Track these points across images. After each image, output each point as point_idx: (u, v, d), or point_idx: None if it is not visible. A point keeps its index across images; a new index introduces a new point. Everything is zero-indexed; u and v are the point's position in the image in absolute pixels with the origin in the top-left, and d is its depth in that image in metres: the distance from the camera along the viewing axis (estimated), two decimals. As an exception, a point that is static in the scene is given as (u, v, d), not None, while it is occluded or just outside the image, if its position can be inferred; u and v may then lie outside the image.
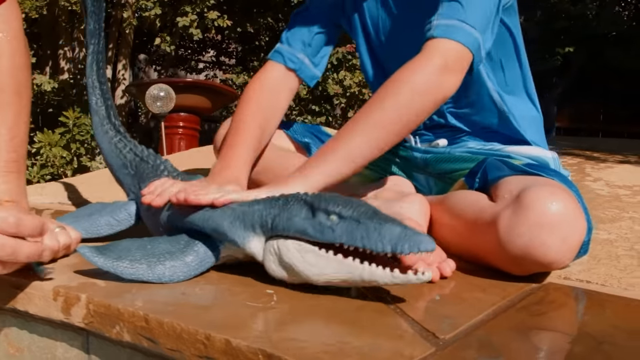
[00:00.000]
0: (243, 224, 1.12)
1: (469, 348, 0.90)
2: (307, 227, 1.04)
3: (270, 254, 1.08)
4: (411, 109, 1.31)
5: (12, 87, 1.33)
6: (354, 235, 1.00)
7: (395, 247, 0.97)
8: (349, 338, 0.89)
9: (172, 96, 5.12)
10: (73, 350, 1.11)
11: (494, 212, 1.25)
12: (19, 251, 0.99)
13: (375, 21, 1.69)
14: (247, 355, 0.84)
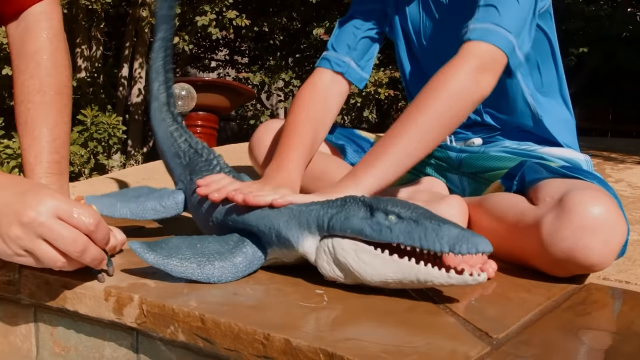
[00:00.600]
0: (298, 223, 1.13)
1: (523, 347, 0.91)
2: (365, 227, 1.05)
3: (325, 254, 1.09)
4: (452, 111, 1.33)
5: (53, 87, 1.34)
6: (412, 235, 1.01)
7: (453, 248, 0.98)
8: (406, 338, 0.90)
9: (194, 95, 5.14)
10: (122, 349, 1.12)
11: (536, 215, 1.26)
12: (86, 252, 1.00)
13: (416, 25, 1.72)
14: (308, 355, 0.85)
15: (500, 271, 1.29)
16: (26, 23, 1.37)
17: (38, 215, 0.95)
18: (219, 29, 6.91)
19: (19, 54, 1.36)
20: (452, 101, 1.33)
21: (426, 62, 1.74)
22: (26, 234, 0.95)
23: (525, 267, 1.31)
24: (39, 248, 0.96)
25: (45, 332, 1.20)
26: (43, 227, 0.95)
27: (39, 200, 0.96)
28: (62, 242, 0.96)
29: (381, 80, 7.42)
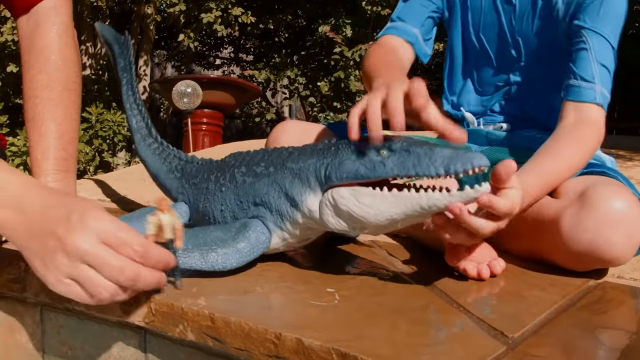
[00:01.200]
0: (300, 181, 1.12)
1: (538, 346, 0.89)
2: (359, 167, 1.03)
3: (327, 207, 1.07)
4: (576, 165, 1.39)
5: (61, 82, 1.33)
6: (405, 165, 0.99)
7: (448, 168, 0.96)
8: (419, 337, 0.89)
9: (199, 92, 5.14)
10: (129, 349, 1.10)
11: (557, 208, 1.26)
12: (138, 280, 0.91)
13: (477, 20, 1.74)
14: (320, 355, 0.84)
15: (513, 270, 1.28)
16: (36, 18, 1.37)
17: (82, 242, 0.88)
18: (224, 27, 6.91)
19: (29, 48, 1.35)
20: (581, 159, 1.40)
21: (477, 60, 1.77)
22: (71, 261, 0.88)
23: (542, 262, 1.31)
24: (85, 275, 0.88)
25: (52, 331, 1.19)
26: (88, 255, 0.88)
27: (83, 225, 0.88)
28: (109, 271, 0.88)
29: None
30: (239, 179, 1.22)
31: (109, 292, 0.88)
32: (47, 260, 0.89)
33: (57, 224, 0.89)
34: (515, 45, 1.66)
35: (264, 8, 8.51)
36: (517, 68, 1.68)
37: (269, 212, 1.16)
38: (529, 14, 1.61)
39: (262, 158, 1.22)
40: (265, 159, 1.21)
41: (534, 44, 1.63)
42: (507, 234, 1.36)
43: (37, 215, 0.91)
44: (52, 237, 0.89)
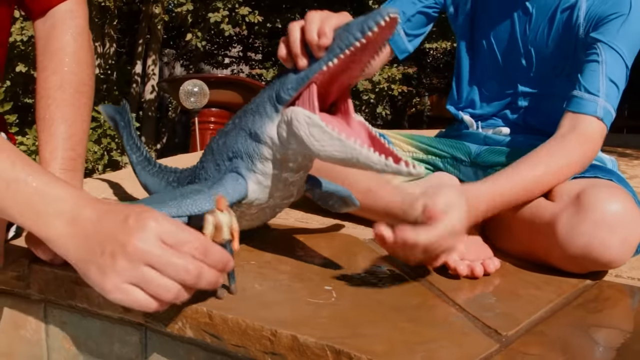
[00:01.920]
0: (259, 115, 1.14)
1: (532, 344, 0.90)
2: (299, 74, 1.07)
3: (283, 123, 1.09)
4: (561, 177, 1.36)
5: (73, 85, 1.34)
6: (332, 49, 1.03)
7: (364, 30, 0.99)
8: (415, 335, 0.90)
9: (206, 92, 5.16)
10: (130, 345, 1.12)
11: (553, 211, 1.26)
12: (201, 277, 0.90)
13: (489, 22, 1.71)
14: (315, 352, 0.85)
15: (509, 268, 1.29)
16: (53, 21, 1.38)
17: (143, 243, 0.87)
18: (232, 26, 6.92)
19: (44, 50, 1.37)
20: (566, 171, 1.37)
21: (485, 65, 1.75)
22: (132, 264, 0.87)
23: (538, 263, 1.31)
24: (149, 276, 0.87)
25: (55, 327, 1.21)
26: (150, 256, 0.87)
27: (141, 226, 0.88)
28: (173, 271, 0.87)
29: (394, 76, 7.41)
30: (214, 147, 1.25)
31: (172, 293, 0.87)
32: (107, 267, 0.88)
33: (114, 230, 0.89)
34: (527, 55, 1.63)
35: (271, 7, 8.52)
36: (526, 79, 1.66)
37: (240, 159, 1.17)
38: (545, 26, 1.58)
39: (231, 119, 1.25)
40: (232, 118, 1.24)
41: (547, 56, 1.61)
42: (504, 234, 1.38)
43: (92, 224, 0.91)
44: (110, 243, 0.88)
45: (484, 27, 1.71)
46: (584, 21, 1.51)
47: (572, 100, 1.43)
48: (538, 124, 1.60)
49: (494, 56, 1.71)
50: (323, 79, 1.06)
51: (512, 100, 1.69)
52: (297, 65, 1.06)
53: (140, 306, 0.87)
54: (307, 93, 1.06)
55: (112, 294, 0.88)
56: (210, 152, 1.27)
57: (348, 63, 1.05)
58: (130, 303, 0.88)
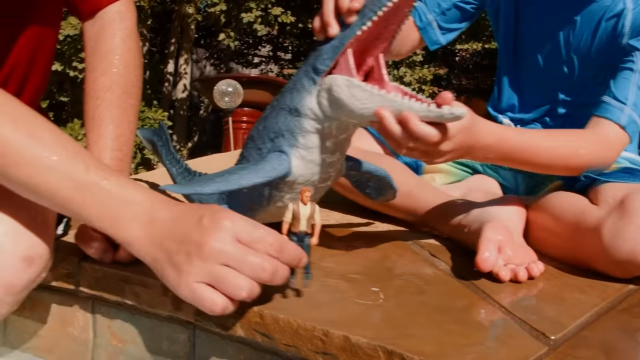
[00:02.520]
0: (297, 91, 1.15)
1: (579, 348, 0.91)
2: (333, 42, 1.08)
3: (324, 92, 1.10)
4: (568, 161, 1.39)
5: (121, 86, 1.36)
6: (363, 13, 1.05)
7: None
8: (463, 337, 0.91)
9: (240, 92, 5.19)
10: (178, 343, 1.13)
11: (598, 216, 1.26)
12: (277, 274, 0.92)
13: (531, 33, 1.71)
14: (367, 352, 0.86)
15: (552, 272, 1.29)
16: (102, 22, 1.41)
17: (218, 242, 0.89)
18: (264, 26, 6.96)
19: (93, 51, 1.39)
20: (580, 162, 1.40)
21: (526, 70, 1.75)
22: (208, 263, 0.89)
23: (582, 268, 1.30)
24: (224, 274, 0.89)
25: (103, 324, 1.22)
26: (226, 255, 0.89)
27: (216, 225, 0.90)
28: (250, 268, 0.89)
29: (425, 77, 7.40)
30: (254, 134, 1.26)
31: (246, 291, 0.89)
32: (182, 266, 0.90)
33: (189, 230, 0.92)
34: (569, 62, 1.62)
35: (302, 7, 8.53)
36: (567, 86, 1.66)
37: (281, 137, 1.18)
38: (589, 34, 1.57)
39: (269, 105, 1.26)
40: (270, 103, 1.26)
41: (589, 64, 1.60)
42: (547, 238, 1.38)
43: (167, 225, 0.94)
44: (185, 243, 0.91)
45: (526, 33, 1.71)
46: (629, 30, 1.50)
47: (600, 104, 1.44)
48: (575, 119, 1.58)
49: (535, 62, 1.70)
50: (356, 47, 1.08)
51: (552, 107, 1.69)
52: (329, 33, 1.08)
53: (213, 304, 0.89)
54: (343, 60, 1.08)
55: (185, 292, 0.91)
56: (250, 140, 1.28)
57: (379, 29, 1.07)
58: (203, 302, 0.90)
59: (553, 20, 1.64)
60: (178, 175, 1.71)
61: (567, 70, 1.64)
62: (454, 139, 1.13)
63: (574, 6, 1.60)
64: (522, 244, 1.31)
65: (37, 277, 1.10)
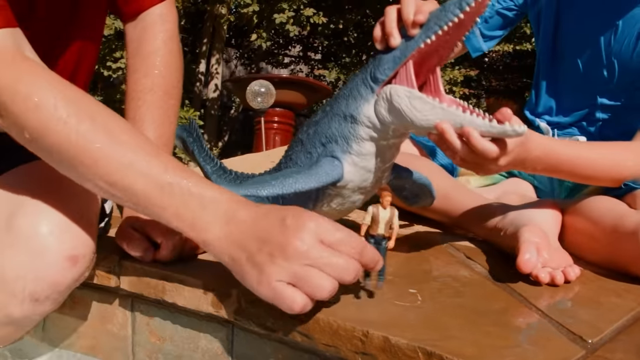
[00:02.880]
0: (353, 98, 1.16)
1: (616, 352, 0.91)
2: (394, 53, 1.09)
3: (383, 101, 1.11)
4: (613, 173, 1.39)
5: (162, 88, 1.39)
6: (428, 26, 1.05)
7: (461, 5, 1.00)
8: (501, 339, 0.92)
9: (272, 92, 5.22)
10: (217, 341, 1.15)
11: (637, 220, 1.26)
12: (357, 276, 0.93)
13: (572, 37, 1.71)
14: (406, 353, 0.87)
15: (589, 276, 1.29)
16: (144, 24, 1.43)
17: (303, 243, 0.89)
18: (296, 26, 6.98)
19: (135, 53, 1.42)
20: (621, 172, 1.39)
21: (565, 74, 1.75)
22: (291, 263, 0.89)
23: (620, 272, 1.30)
24: (308, 274, 0.89)
25: (142, 322, 1.25)
26: (310, 255, 0.89)
27: (300, 226, 0.91)
28: (334, 269, 0.90)
29: (456, 78, 7.38)
30: (303, 138, 1.26)
31: (327, 291, 0.90)
32: (264, 265, 0.91)
33: (272, 231, 0.92)
34: (609, 67, 1.62)
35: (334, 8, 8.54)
36: (606, 91, 1.65)
37: (334, 143, 1.19)
38: (631, 38, 1.57)
39: (320, 110, 1.27)
40: (320, 110, 1.26)
41: (630, 69, 1.59)
42: (584, 242, 1.38)
43: (248, 225, 0.94)
44: (268, 243, 0.91)
45: (566, 36, 1.70)
46: None
47: None
48: (615, 136, 1.57)
49: (575, 66, 1.70)
50: (416, 58, 1.08)
51: (590, 111, 1.68)
52: (390, 43, 1.08)
53: (293, 302, 0.90)
54: (403, 71, 1.09)
55: (266, 291, 0.91)
56: (299, 143, 1.29)
57: (440, 43, 1.07)
58: (283, 299, 0.90)
59: (594, 24, 1.63)
60: (213, 174, 1.73)
61: (607, 75, 1.63)
62: (511, 153, 1.14)
63: (616, 10, 1.59)
64: (558, 248, 1.31)
65: (80, 276, 1.13)
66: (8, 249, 1.08)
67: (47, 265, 1.08)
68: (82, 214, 1.14)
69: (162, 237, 1.20)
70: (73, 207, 1.14)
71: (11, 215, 1.10)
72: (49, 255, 1.08)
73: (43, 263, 1.08)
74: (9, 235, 1.09)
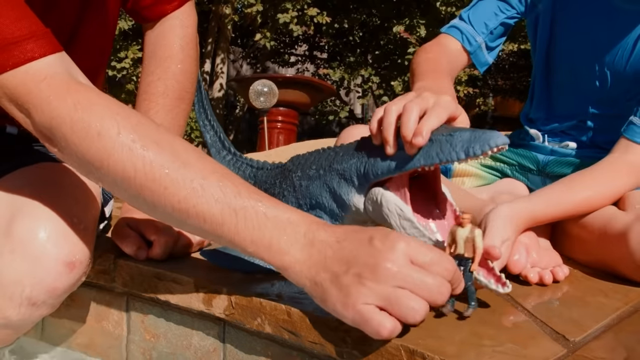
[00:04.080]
0: (345, 181, 1.15)
1: (600, 351, 0.92)
2: (390, 163, 1.06)
3: (372, 202, 1.10)
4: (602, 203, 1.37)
5: (176, 92, 1.40)
6: (430, 154, 1.01)
7: (467, 151, 0.96)
8: (484, 338, 0.93)
9: (275, 92, 5.24)
10: (209, 338, 1.17)
11: (625, 221, 1.26)
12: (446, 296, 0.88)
13: (566, 45, 1.69)
14: (389, 351, 0.89)
15: (578, 275, 1.30)
16: (162, 28, 1.44)
17: (393, 264, 0.85)
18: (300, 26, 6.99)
19: (151, 55, 1.43)
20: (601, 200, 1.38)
21: (558, 81, 1.75)
22: (382, 285, 0.84)
23: (609, 272, 1.31)
24: (401, 297, 0.84)
25: (137, 320, 1.27)
26: (402, 277, 0.85)
27: (390, 246, 0.86)
28: (426, 291, 0.85)
29: (460, 78, 7.38)
30: (296, 184, 1.26)
31: (422, 314, 0.85)
32: (351, 288, 0.85)
33: (359, 252, 0.87)
34: (601, 77, 1.61)
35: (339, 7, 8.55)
36: (598, 101, 1.64)
37: (323, 212, 1.20)
38: (625, 50, 1.55)
39: (314, 161, 1.25)
40: (316, 161, 1.25)
41: (622, 80, 1.58)
42: (573, 243, 1.39)
43: (331, 247, 0.89)
44: (355, 265, 0.86)
45: (561, 45, 1.70)
46: None
47: (629, 126, 1.42)
48: (604, 144, 1.56)
49: (568, 75, 1.70)
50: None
51: (581, 119, 1.68)
52: (386, 151, 1.05)
53: (380, 326, 0.84)
54: (399, 179, 1.07)
55: (351, 314, 0.86)
56: (290, 186, 1.28)
57: None
58: (370, 323, 0.84)
59: (588, 34, 1.63)
60: (212, 146, 1.72)
61: (599, 85, 1.62)
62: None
63: (610, 21, 1.58)
64: (548, 248, 1.32)
65: (77, 281, 1.15)
66: (7, 254, 1.10)
67: (45, 271, 1.10)
68: (80, 220, 1.16)
69: (155, 235, 1.22)
70: (72, 213, 1.15)
71: (11, 219, 1.12)
72: (47, 261, 1.10)
73: (41, 268, 1.10)
74: (8, 240, 1.11)
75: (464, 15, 1.72)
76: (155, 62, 1.42)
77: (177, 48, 1.43)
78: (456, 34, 1.70)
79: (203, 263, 1.25)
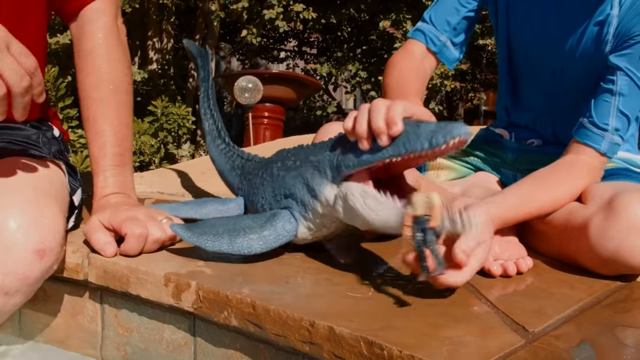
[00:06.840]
0: (319, 172, 1.19)
1: (557, 341, 0.94)
2: (361, 155, 1.10)
3: (339, 199, 1.14)
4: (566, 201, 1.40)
5: (107, 83, 1.39)
6: (397, 146, 1.05)
7: (431, 142, 1.00)
8: (444, 329, 0.95)
9: (260, 88, 5.24)
10: (180, 332, 1.19)
11: (585, 215, 1.28)
12: None
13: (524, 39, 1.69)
14: (349, 342, 0.91)
15: (544, 267, 1.32)
16: (82, 21, 1.43)
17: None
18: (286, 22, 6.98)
19: (78, 52, 1.42)
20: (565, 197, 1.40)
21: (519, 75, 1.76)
22: None
23: (572, 264, 1.33)
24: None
25: (110, 314, 1.28)
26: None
27: None
28: None
29: (447, 72, 7.38)
30: (275, 174, 1.31)
31: None
32: None
33: None
34: (555, 68, 1.61)
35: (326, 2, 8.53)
36: (554, 93, 1.65)
37: (295, 202, 1.24)
38: (574, 39, 1.54)
39: (294, 153, 1.30)
40: (295, 154, 1.29)
41: (574, 72, 1.58)
42: (537, 236, 1.41)
43: None
44: None
45: (517, 35, 1.70)
46: (612, 38, 1.48)
47: (580, 129, 1.44)
48: (566, 139, 1.53)
49: (526, 66, 1.71)
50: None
51: (542, 114, 1.70)
52: (361, 146, 1.09)
53: None
54: (362, 175, 1.11)
55: None
56: (270, 175, 1.33)
57: (408, 160, 1.08)
58: None
59: (539, 24, 1.62)
60: (208, 134, 1.75)
61: (553, 77, 1.63)
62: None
63: (559, 11, 1.58)
64: (511, 240, 1.34)
65: (49, 268, 1.16)
66: None
67: (16, 260, 1.11)
68: (50, 208, 1.17)
69: (128, 230, 1.23)
70: (41, 202, 1.17)
71: None
72: (17, 249, 1.11)
73: (12, 257, 1.11)
74: None
75: (426, 16, 1.72)
76: (82, 57, 1.41)
77: (99, 38, 1.42)
78: (420, 37, 1.70)
79: (174, 257, 1.26)
